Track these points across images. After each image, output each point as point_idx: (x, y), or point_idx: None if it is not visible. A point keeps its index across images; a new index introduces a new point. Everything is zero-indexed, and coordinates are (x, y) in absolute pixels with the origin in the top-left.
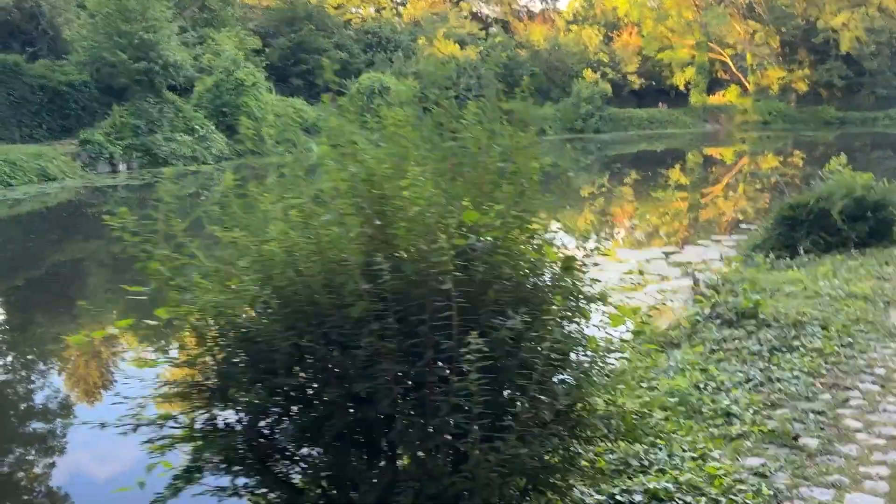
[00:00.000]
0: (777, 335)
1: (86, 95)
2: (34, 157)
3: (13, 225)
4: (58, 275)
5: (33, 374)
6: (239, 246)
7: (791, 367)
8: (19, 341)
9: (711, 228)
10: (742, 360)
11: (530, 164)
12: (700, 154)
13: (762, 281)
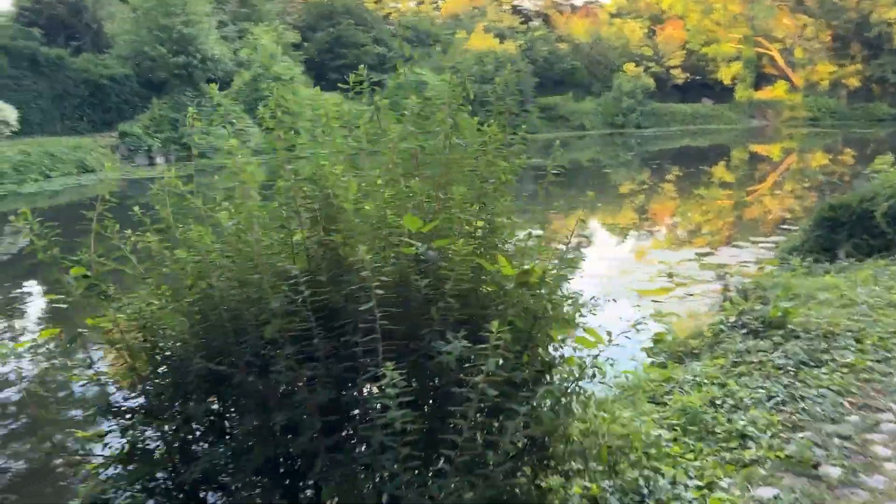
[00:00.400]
0: (805, 348)
1: (127, 89)
2: (73, 150)
3: (54, 216)
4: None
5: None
6: (153, 251)
7: (818, 384)
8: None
9: (753, 229)
10: (766, 374)
11: (498, 164)
12: (745, 151)
13: (796, 287)
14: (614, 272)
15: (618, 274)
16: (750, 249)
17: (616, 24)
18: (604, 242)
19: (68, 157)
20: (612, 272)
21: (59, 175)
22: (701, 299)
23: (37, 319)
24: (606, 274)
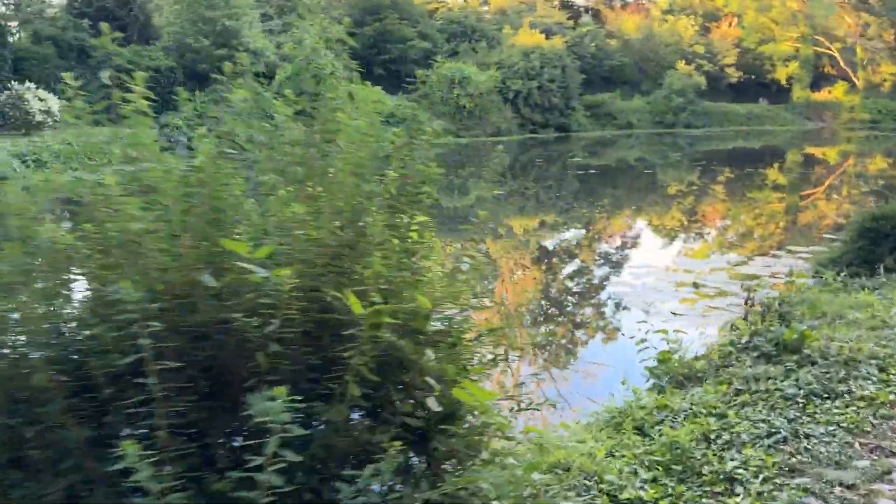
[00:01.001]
0: (820, 376)
1: (172, 80)
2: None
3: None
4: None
5: None
6: None
7: (828, 420)
8: None
9: (800, 236)
10: (771, 405)
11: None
12: (800, 153)
13: (824, 304)
14: (641, 279)
15: (645, 281)
16: (787, 259)
17: (668, 21)
18: (639, 246)
19: (109, 147)
20: (639, 279)
21: (101, 164)
22: (721, 314)
23: None
24: (630, 281)
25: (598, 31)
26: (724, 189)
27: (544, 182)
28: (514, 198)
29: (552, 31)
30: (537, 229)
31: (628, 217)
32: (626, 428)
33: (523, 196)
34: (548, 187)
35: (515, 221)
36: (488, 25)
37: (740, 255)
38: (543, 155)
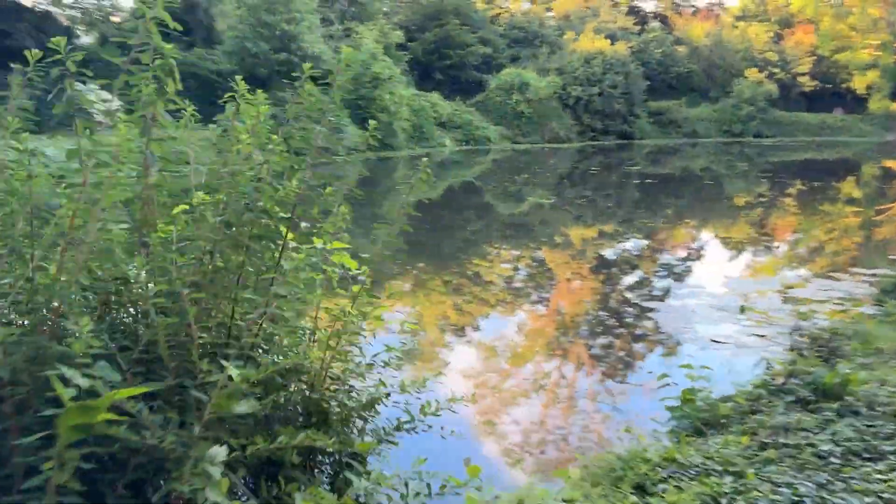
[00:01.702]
0: (863, 430)
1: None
2: (171, 142)
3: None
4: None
5: None
6: None
7: (866, 489)
8: None
9: (869, 256)
10: (800, 464)
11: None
12: (877, 166)
13: (880, 339)
14: (685, 299)
15: (689, 302)
16: (850, 283)
17: (739, 27)
18: (695, 261)
19: (168, 149)
20: (683, 300)
21: None
22: (766, 345)
23: None
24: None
25: (664, 38)
26: (794, 202)
27: (603, 190)
28: (572, 206)
29: (616, 36)
30: (595, 239)
31: (690, 228)
32: (624, 485)
33: (581, 205)
34: (607, 196)
35: (573, 230)
36: (551, 31)
37: (801, 274)
38: (603, 162)
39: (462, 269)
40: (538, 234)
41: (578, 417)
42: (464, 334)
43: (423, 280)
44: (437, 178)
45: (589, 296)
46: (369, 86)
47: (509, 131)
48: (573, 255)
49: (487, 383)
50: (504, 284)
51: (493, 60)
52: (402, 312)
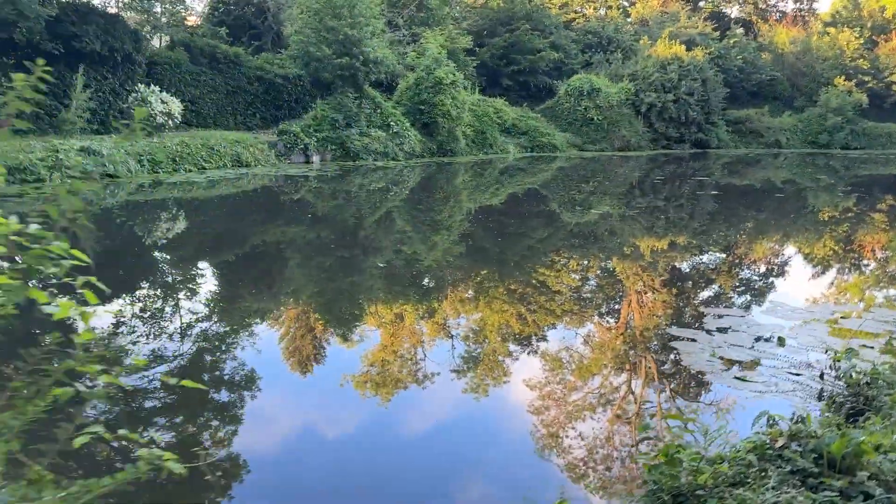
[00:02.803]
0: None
1: (299, 88)
2: (232, 144)
3: (214, 205)
4: (260, 254)
5: (234, 344)
6: None
7: None
8: (225, 312)
9: None
10: None
11: None
12: None
13: None
14: (718, 323)
15: (721, 329)
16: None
17: (829, 34)
18: (770, 279)
19: (225, 151)
20: (718, 325)
21: (213, 167)
22: (795, 389)
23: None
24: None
25: (747, 44)
26: (885, 218)
27: (676, 201)
28: (642, 216)
29: (695, 42)
30: (667, 251)
31: (770, 243)
32: None
33: (652, 215)
34: (679, 206)
35: (643, 241)
36: (626, 37)
37: (861, 299)
38: (677, 172)
39: (527, 277)
40: (606, 244)
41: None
42: (528, 344)
43: (486, 287)
44: (500, 184)
45: (661, 310)
46: (431, 91)
47: (577, 138)
48: (644, 267)
49: (552, 395)
50: (571, 294)
51: (564, 66)
52: (465, 319)
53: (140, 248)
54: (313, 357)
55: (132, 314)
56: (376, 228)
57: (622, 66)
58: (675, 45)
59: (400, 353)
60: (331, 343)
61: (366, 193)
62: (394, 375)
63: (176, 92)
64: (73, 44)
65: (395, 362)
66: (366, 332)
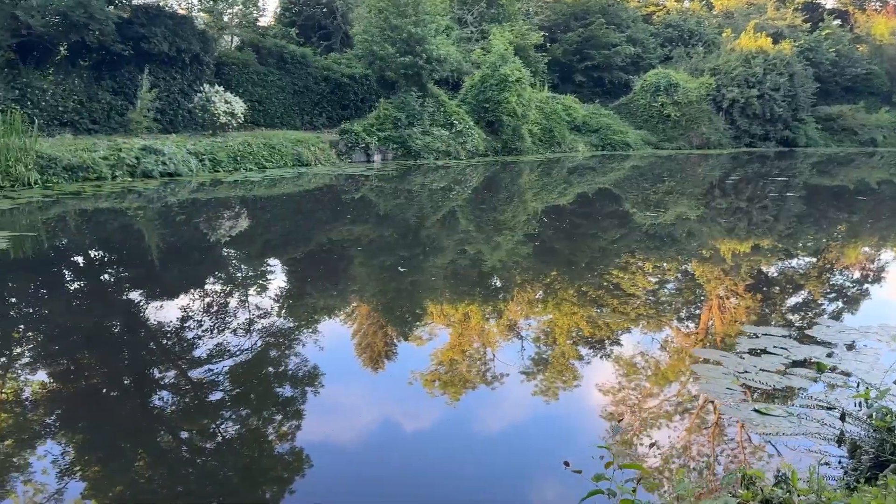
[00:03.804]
0: None
1: (365, 88)
2: (294, 143)
3: (275, 204)
4: (326, 252)
5: (298, 341)
6: None
7: None
8: (293, 308)
9: None
10: None
11: None
12: None
13: None
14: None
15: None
16: None
17: None
18: (865, 285)
19: (287, 151)
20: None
21: (273, 167)
22: (816, 429)
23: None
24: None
25: (841, 36)
26: None
27: (759, 202)
28: (723, 218)
29: (783, 34)
30: (750, 254)
31: (865, 248)
32: None
33: (734, 216)
34: (763, 208)
35: (724, 244)
36: (709, 29)
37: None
38: (761, 171)
39: (599, 279)
40: (684, 246)
41: (726, 446)
42: (601, 347)
43: (556, 290)
44: (568, 183)
45: (744, 315)
46: (496, 88)
47: (653, 136)
48: (725, 271)
49: (625, 401)
50: (646, 298)
51: (641, 61)
52: (535, 321)
53: (205, 245)
54: (383, 354)
55: (200, 308)
56: (439, 228)
57: (703, 60)
58: (761, 37)
59: (468, 352)
60: (398, 341)
61: (428, 192)
62: (462, 375)
63: (243, 92)
64: (142, 45)
65: (464, 362)
66: (433, 331)
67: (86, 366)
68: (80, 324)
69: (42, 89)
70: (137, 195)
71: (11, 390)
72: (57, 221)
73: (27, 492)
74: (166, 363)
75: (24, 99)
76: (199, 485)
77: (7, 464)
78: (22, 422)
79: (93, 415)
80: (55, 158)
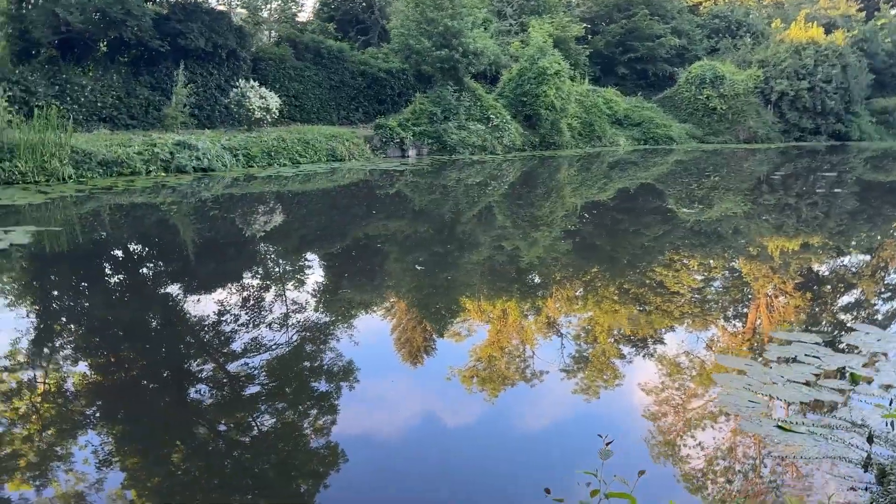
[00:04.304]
0: None
1: (402, 82)
2: (328, 139)
3: (308, 199)
4: (362, 247)
5: (334, 335)
6: None
7: None
8: (331, 303)
9: None
10: None
11: None
12: None
13: None
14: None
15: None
16: None
17: None
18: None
19: (320, 146)
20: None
21: (307, 162)
22: (839, 451)
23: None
24: None
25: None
26: None
27: (809, 198)
28: (771, 214)
29: (836, 24)
30: (799, 252)
31: None
32: None
33: (782, 213)
34: (813, 204)
35: (772, 241)
36: (759, 20)
37: None
38: (811, 166)
39: (641, 276)
40: (730, 243)
41: (774, 449)
42: (643, 346)
43: (597, 287)
44: (609, 179)
45: (793, 315)
46: (534, 81)
47: (697, 129)
48: (774, 269)
49: (669, 400)
50: (691, 296)
51: (686, 52)
52: (575, 318)
53: (241, 240)
54: (421, 349)
55: (238, 303)
56: (476, 223)
57: (751, 51)
58: (813, 27)
59: (507, 349)
60: (436, 336)
61: (463, 188)
62: (501, 371)
63: (280, 87)
64: (179, 41)
65: (503, 358)
66: (471, 327)
67: (125, 359)
68: (119, 317)
69: (81, 85)
70: (171, 190)
71: (53, 381)
72: (89, 216)
73: (69, 480)
74: (204, 357)
75: (63, 95)
76: (237, 478)
77: (49, 453)
78: (64, 413)
79: (132, 406)
80: (90, 153)
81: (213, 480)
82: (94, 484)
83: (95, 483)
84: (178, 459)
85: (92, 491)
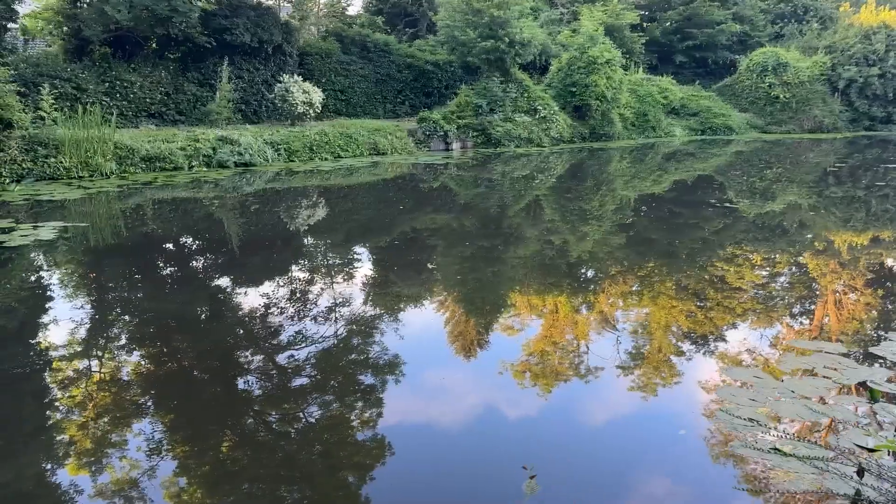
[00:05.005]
0: None
1: (448, 74)
2: (371, 133)
3: (352, 193)
4: (409, 241)
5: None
6: None
7: None
8: (380, 296)
9: None
10: None
11: None
12: None
13: None
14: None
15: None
16: None
17: None
18: None
19: (363, 140)
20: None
21: (349, 156)
22: (835, 483)
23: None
24: None
25: None
26: None
27: (880, 190)
28: (838, 207)
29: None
30: (869, 247)
31: None
32: None
33: (850, 206)
34: (884, 196)
35: (839, 236)
36: (826, 3)
37: None
38: (882, 157)
39: (701, 272)
40: (795, 237)
41: (838, 451)
42: (703, 342)
43: (653, 282)
44: (664, 171)
45: (863, 313)
46: (583, 71)
47: (759, 119)
48: (842, 264)
49: (731, 399)
50: (754, 292)
51: (748, 39)
52: (631, 313)
53: (286, 235)
54: (474, 342)
55: (285, 296)
56: (523, 217)
57: (817, 37)
58: (884, 10)
59: (560, 343)
60: (488, 330)
61: (509, 181)
62: (554, 366)
63: (326, 82)
64: (225, 36)
65: (556, 353)
66: (523, 321)
67: (175, 349)
68: (168, 308)
69: (130, 82)
70: (214, 184)
71: (108, 370)
72: (131, 211)
73: (123, 467)
74: (253, 348)
75: (113, 91)
76: (285, 468)
77: (103, 440)
78: (117, 401)
79: (181, 397)
80: (133, 149)
81: (259, 470)
82: (147, 471)
83: (148, 470)
84: (227, 448)
85: (144, 478)
